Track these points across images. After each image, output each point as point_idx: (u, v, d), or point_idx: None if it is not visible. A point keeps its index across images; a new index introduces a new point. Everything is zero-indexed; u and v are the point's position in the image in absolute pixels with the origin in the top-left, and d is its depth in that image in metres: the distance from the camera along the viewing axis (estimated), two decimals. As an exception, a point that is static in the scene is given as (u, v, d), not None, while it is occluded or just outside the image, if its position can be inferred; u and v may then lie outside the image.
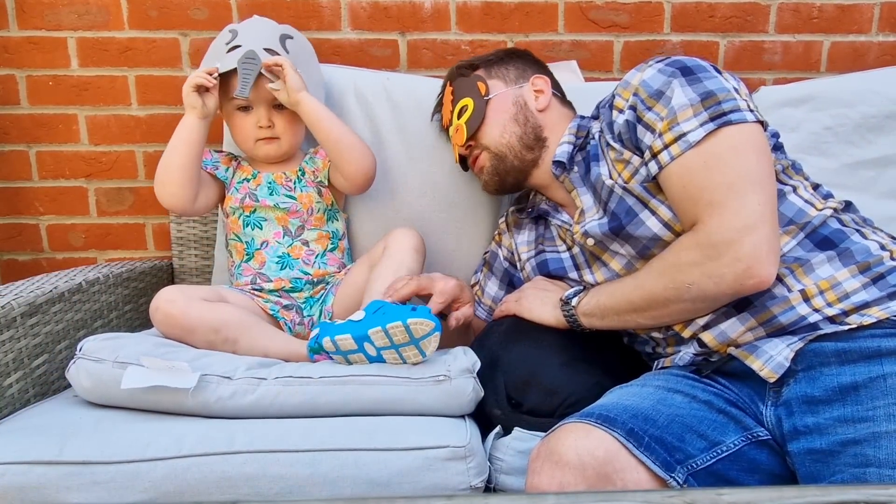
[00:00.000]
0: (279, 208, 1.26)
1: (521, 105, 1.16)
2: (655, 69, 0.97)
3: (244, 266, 1.27)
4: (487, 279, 1.31)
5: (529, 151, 1.15)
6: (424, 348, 0.99)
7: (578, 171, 1.09)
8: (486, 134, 1.17)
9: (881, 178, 1.37)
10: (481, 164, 1.20)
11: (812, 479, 0.81)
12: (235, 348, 1.09)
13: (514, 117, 1.15)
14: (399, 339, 0.98)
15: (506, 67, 1.21)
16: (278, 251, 1.25)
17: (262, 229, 1.26)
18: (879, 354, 0.82)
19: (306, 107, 1.21)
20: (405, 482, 0.89)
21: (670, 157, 0.92)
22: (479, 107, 1.17)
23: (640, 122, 0.96)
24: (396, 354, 1.00)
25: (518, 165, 1.15)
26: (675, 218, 0.96)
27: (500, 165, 1.16)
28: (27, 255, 1.65)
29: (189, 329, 1.07)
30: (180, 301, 1.07)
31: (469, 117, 1.17)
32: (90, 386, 0.98)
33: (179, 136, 1.19)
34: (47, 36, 1.54)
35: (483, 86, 1.18)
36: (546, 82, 1.19)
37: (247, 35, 1.23)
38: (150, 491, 0.86)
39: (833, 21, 1.56)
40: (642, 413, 0.85)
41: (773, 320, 0.89)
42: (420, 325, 0.96)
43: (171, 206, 1.23)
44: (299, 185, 1.29)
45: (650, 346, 1.06)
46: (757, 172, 0.88)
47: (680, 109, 0.92)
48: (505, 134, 1.15)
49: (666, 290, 0.92)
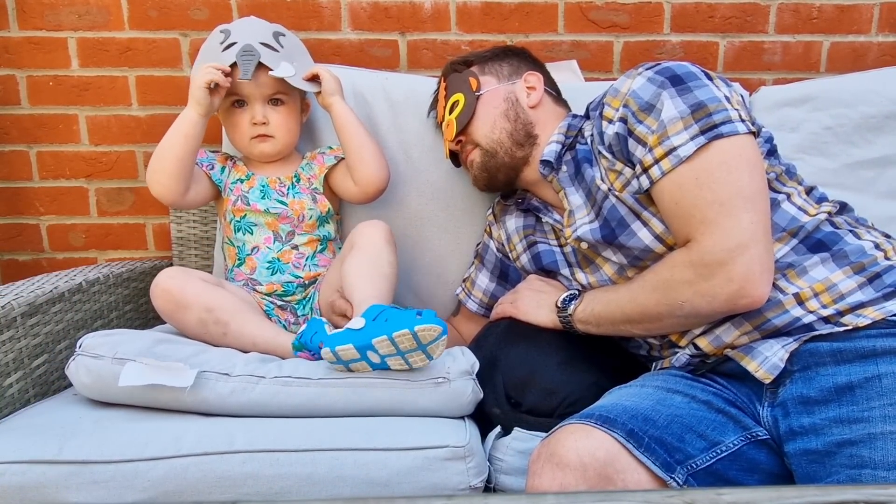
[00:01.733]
0: (269, 213, 1.25)
1: (513, 101, 1.16)
2: (645, 77, 0.95)
3: (236, 270, 1.27)
4: (478, 271, 1.31)
5: (520, 148, 1.14)
6: (432, 353, 0.95)
7: (567, 171, 1.09)
8: (477, 129, 1.17)
9: (881, 178, 1.37)
10: (471, 159, 1.20)
11: (808, 480, 0.81)
12: (226, 331, 1.09)
13: (504, 113, 1.15)
14: (406, 347, 0.94)
15: (500, 64, 1.21)
16: (268, 256, 1.25)
17: (252, 234, 1.26)
18: (875, 354, 0.82)
19: (336, 109, 1.26)
20: (405, 482, 0.89)
21: (661, 172, 0.91)
22: (470, 102, 1.16)
23: (631, 136, 0.96)
24: (402, 361, 0.97)
25: (508, 162, 1.15)
26: (667, 231, 0.95)
27: (490, 162, 1.16)
28: (27, 255, 1.65)
29: (184, 304, 1.09)
30: (180, 277, 1.11)
31: (459, 112, 1.17)
32: (89, 382, 0.98)
33: (179, 129, 1.19)
34: (48, 36, 1.54)
35: (475, 81, 1.18)
36: (539, 79, 1.18)
37: (240, 32, 1.23)
38: (150, 490, 0.86)
39: (833, 21, 1.56)
40: (642, 414, 0.85)
41: (767, 323, 0.89)
42: (428, 330, 0.92)
43: (161, 197, 1.22)
44: (292, 192, 1.29)
45: (645, 349, 1.06)
46: (749, 189, 0.88)
47: (670, 123, 0.91)
48: (495, 130, 1.15)
49: (659, 306, 0.93)
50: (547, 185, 1.13)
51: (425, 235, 1.41)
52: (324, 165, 1.31)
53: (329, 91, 1.25)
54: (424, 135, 1.40)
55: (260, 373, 0.99)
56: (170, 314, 1.11)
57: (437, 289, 1.42)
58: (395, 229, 1.40)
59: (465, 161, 1.22)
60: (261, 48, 1.20)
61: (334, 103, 1.25)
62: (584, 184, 1.05)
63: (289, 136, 1.29)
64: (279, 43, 1.25)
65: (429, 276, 1.42)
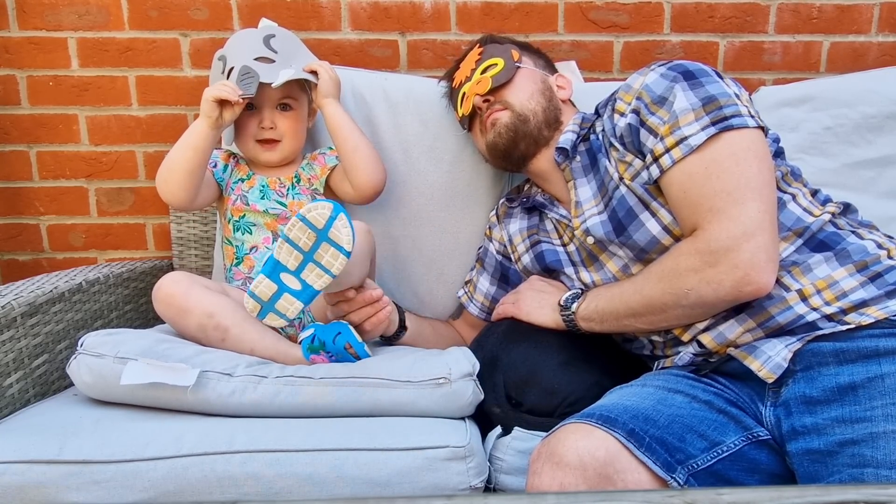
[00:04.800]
0: (268, 214, 1.26)
1: (549, 86, 1.19)
2: (658, 73, 0.97)
3: (234, 270, 1.27)
4: (479, 275, 1.32)
5: (547, 127, 1.15)
6: (337, 240, 0.92)
7: (581, 162, 1.10)
8: (513, 94, 1.16)
9: (881, 178, 1.37)
10: (497, 117, 1.16)
11: (810, 480, 0.81)
12: (225, 336, 1.09)
13: (541, 91, 1.17)
14: (305, 243, 0.93)
15: (537, 56, 1.24)
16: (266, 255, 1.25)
17: (251, 234, 1.26)
18: (877, 354, 0.82)
19: (329, 111, 1.26)
20: (405, 482, 0.89)
21: (671, 160, 0.92)
22: (510, 67, 1.17)
23: (643, 126, 0.97)
24: (316, 267, 0.94)
25: (535, 134, 1.14)
26: (674, 222, 0.96)
27: (522, 127, 1.14)
28: (27, 255, 1.65)
29: (186, 309, 1.09)
30: (184, 282, 1.11)
31: (497, 73, 1.17)
32: (91, 381, 0.98)
33: (188, 142, 1.19)
34: (48, 36, 1.54)
35: (517, 54, 1.20)
36: (569, 83, 1.22)
37: (234, 54, 1.24)
38: (150, 490, 0.86)
39: (833, 21, 1.56)
40: (643, 413, 0.85)
41: (771, 321, 0.89)
42: (316, 209, 0.90)
43: (171, 203, 1.25)
44: (292, 192, 1.29)
45: (648, 349, 1.06)
46: (757, 180, 0.88)
47: (682, 113, 0.92)
48: (532, 100, 1.15)
49: (664, 296, 0.93)
50: (556, 176, 1.14)
51: (425, 235, 1.41)
52: (325, 166, 1.31)
53: (323, 92, 1.25)
54: (424, 135, 1.40)
55: (262, 373, 0.99)
56: (171, 318, 1.11)
57: (436, 289, 1.42)
58: (395, 229, 1.41)
59: (487, 120, 1.18)
60: (256, 65, 1.20)
61: (326, 105, 1.26)
62: (597, 174, 1.06)
63: (295, 141, 1.29)
64: (272, 48, 1.24)
65: (428, 276, 1.42)
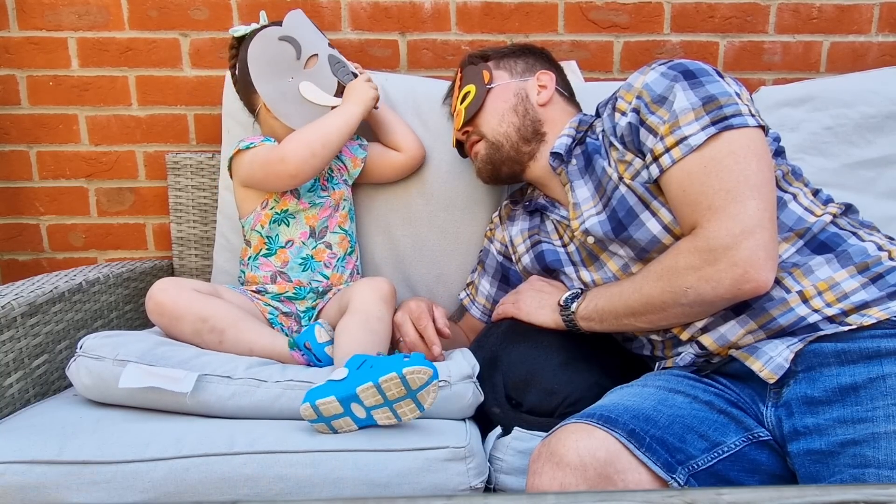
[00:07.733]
0: (315, 206, 1.27)
1: (523, 97, 1.18)
2: (658, 72, 0.97)
3: (262, 259, 1.25)
4: (481, 277, 1.32)
5: (526, 144, 1.16)
6: (422, 401, 0.90)
7: (577, 165, 1.10)
8: (484, 122, 1.19)
9: (881, 178, 1.37)
10: (476, 150, 1.22)
11: (812, 480, 0.81)
12: (222, 339, 1.09)
13: (513, 108, 1.17)
14: (393, 394, 0.88)
15: (515, 60, 1.23)
16: (302, 252, 1.25)
17: (288, 226, 1.26)
18: (879, 355, 0.82)
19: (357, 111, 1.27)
20: (405, 483, 0.89)
21: (671, 160, 0.92)
22: (480, 94, 1.19)
23: (643, 125, 0.97)
24: (390, 412, 0.91)
25: (514, 156, 1.16)
26: (675, 221, 0.96)
27: (495, 154, 1.18)
28: (27, 255, 1.65)
29: (177, 316, 1.09)
30: (171, 290, 1.10)
31: (469, 103, 1.20)
32: (90, 383, 0.98)
33: (347, 123, 1.22)
34: (48, 36, 1.54)
35: (487, 74, 1.20)
36: (551, 78, 1.20)
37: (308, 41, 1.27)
38: (150, 491, 0.86)
39: (833, 21, 1.56)
40: (643, 414, 0.85)
41: (772, 322, 0.89)
42: (417, 373, 0.87)
43: (303, 180, 1.21)
44: (332, 183, 1.31)
45: (647, 348, 1.06)
46: (756, 178, 0.88)
47: (682, 113, 0.92)
48: (503, 123, 1.16)
49: (663, 294, 0.92)
50: (554, 179, 1.14)
51: (425, 235, 1.41)
52: (356, 158, 1.35)
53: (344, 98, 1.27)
54: (424, 135, 1.40)
55: (261, 376, 0.99)
56: (164, 326, 1.11)
57: (437, 289, 1.42)
58: (395, 230, 1.41)
59: (470, 152, 1.24)
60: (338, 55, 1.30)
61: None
62: (594, 176, 1.06)
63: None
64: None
65: (429, 276, 1.42)
